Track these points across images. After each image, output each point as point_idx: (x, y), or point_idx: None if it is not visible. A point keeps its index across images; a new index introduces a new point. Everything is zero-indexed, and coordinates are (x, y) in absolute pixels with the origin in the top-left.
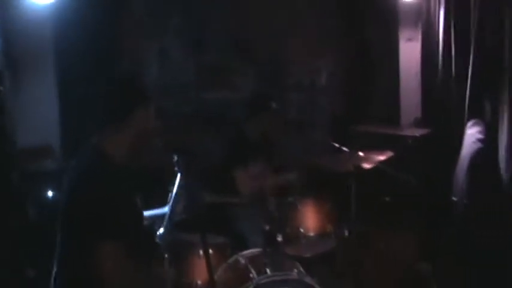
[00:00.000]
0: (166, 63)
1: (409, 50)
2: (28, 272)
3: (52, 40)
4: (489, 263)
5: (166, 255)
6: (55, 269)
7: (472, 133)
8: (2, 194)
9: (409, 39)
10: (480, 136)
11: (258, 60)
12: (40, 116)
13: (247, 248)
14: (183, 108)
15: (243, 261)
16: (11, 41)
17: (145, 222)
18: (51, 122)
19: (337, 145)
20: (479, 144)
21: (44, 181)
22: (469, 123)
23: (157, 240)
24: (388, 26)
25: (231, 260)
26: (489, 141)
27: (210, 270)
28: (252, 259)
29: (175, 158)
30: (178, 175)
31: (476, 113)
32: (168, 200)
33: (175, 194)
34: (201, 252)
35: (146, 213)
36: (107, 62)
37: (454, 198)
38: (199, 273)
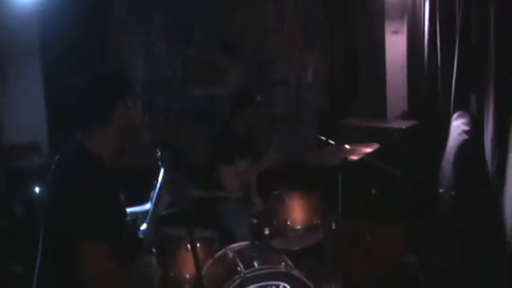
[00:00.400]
0: (154, 61)
1: (395, 43)
2: (15, 269)
3: (38, 37)
4: (476, 254)
5: (154, 250)
6: (38, 265)
7: (458, 125)
8: None
9: (395, 32)
10: (466, 128)
11: (245, 57)
12: (27, 113)
13: (234, 241)
14: (172, 105)
15: (230, 254)
16: None
17: (128, 218)
18: (38, 119)
19: (324, 139)
20: (465, 136)
21: (31, 178)
22: (455, 115)
23: (140, 235)
24: (373, 19)
25: (218, 254)
26: (475, 132)
27: (198, 264)
28: (239, 252)
29: (159, 153)
30: (162, 170)
31: (462, 105)
32: (151, 196)
33: (158, 189)
34: (188, 246)
35: (129, 209)
36: (93, 59)
37: (441, 190)
38: (187, 267)
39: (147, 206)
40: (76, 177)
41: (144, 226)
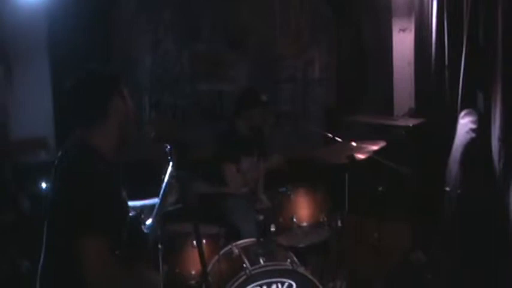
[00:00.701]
0: (162, 57)
1: (402, 40)
2: (22, 263)
3: (46, 33)
4: (482, 252)
5: (160, 246)
6: (41, 260)
7: (465, 123)
8: None
9: (402, 30)
10: (473, 126)
11: (252, 53)
12: (34, 108)
13: (240, 238)
14: (179, 100)
15: (236, 251)
16: (4, 35)
17: (132, 213)
18: (45, 114)
19: (330, 136)
20: (472, 134)
21: (39, 173)
22: (462, 113)
23: (145, 230)
24: (381, 16)
25: (224, 250)
26: (482, 131)
27: (203, 260)
28: (245, 249)
29: (168, 147)
30: (170, 164)
31: (469, 103)
32: (159, 191)
33: (166, 183)
34: (194, 242)
35: (135, 203)
36: (101, 55)
37: (447, 188)
38: (193, 263)
39: (153, 200)
40: (77, 173)
41: (149, 221)
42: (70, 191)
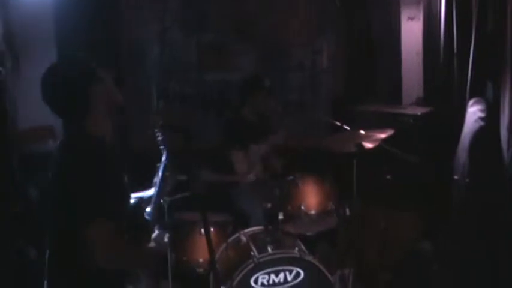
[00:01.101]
0: (167, 45)
1: (411, 29)
2: (31, 252)
3: (53, 24)
4: (490, 241)
5: (168, 234)
6: (48, 248)
7: (474, 111)
8: (3, 175)
9: (411, 18)
10: (482, 115)
11: (259, 41)
12: (41, 98)
13: (248, 226)
14: (186, 89)
15: (244, 239)
16: (13, 26)
17: (133, 201)
18: None
19: (339, 124)
20: (480, 123)
21: (45, 161)
22: (471, 102)
23: (146, 217)
24: (389, 4)
25: (232, 238)
26: (490, 119)
27: (211, 248)
28: (253, 237)
29: (161, 136)
30: (164, 153)
31: (478, 92)
32: (154, 181)
33: (162, 171)
34: (202, 230)
35: (136, 195)
36: (108, 44)
37: (456, 177)
38: (201, 251)
39: (149, 191)
40: (77, 158)
41: (148, 209)
42: (71, 175)
